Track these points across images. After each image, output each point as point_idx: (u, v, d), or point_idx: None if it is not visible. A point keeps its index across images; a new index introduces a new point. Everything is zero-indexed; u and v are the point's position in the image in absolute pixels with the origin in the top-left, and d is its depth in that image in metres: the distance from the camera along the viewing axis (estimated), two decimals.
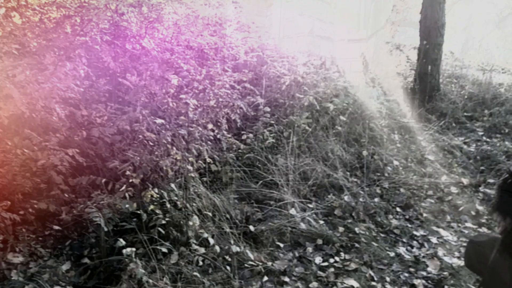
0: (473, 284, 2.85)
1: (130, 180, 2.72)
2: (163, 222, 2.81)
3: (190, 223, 2.87)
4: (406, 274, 3.05)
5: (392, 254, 3.26)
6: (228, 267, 2.74)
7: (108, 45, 3.97)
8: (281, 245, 3.14)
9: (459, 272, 2.99)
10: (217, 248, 2.79)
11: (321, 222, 3.50)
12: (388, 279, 2.95)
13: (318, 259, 3.07)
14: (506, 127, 5.96)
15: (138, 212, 2.79)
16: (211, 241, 2.78)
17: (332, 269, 2.97)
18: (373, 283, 2.87)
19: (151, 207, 2.82)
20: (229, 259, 2.80)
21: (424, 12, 6.67)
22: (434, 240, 3.53)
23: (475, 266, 2.03)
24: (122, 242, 2.43)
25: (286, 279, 2.80)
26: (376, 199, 3.98)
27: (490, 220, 3.79)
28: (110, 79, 3.98)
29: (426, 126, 5.73)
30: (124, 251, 2.38)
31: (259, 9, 7.22)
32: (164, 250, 2.66)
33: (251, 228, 3.19)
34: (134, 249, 2.42)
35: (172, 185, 2.95)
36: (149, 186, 2.90)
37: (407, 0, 8.80)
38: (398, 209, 3.96)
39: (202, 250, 2.83)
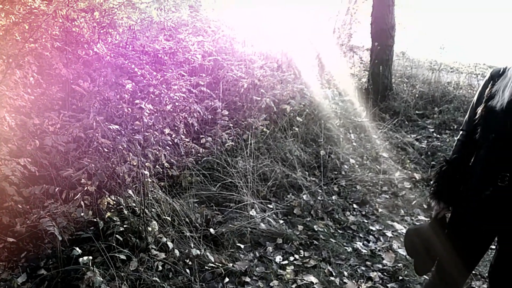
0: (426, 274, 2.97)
1: (86, 188, 2.67)
2: (121, 229, 2.78)
3: (149, 228, 2.85)
4: (363, 268, 3.16)
5: (349, 249, 3.37)
6: (188, 271, 2.75)
7: (59, 52, 3.88)
8: (242, 246, 3.18)
9: (412, 263, 3.12)
10: (177, 252, 2.79)
11: (281, 221, 3.57)
12: (346, 273, 3.05)
13: (278, 258, 3.13)
14: (454, 123, 6.27)
15: (95, 220, 2.75)
16: (170, 245, 2.78)
17: (292, 267, 3.03)
18: (332, 278, 2.95)
19: (108, 214, 2.79)
20: (190, 263, 2.81)
21: (374, 14, 6.92)
22: (389, 233, 3.67)
23: (414, 249, 2.20)
24: (78, 251, 2.39)
25: (247, 279, 2.84)
26: (333, 197, 4.09)
27: None
28: (63, 86, 3.89)
29: (380, 125, 5.93)
30: (80, 260, 2.34)
31: (216, 13, 7.24)
32: (123, 257, 2.64)
33: (212, 231, 3.21)
34: (91, 257, 2.38)
35: (130, 192, 2.92)
36: (105, 194, 2.87)
37: (359, 3, 9.07)
38: (355, 205, 4.09)
39: (162, 255, 2.82)
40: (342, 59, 8.07)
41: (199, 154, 4.04)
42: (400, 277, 3.04)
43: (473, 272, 3.08)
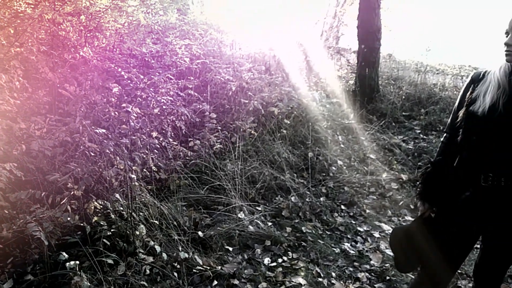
0: (412, 274, 3.01)
1: (72, 193, 2.66)
2: (109, 233, 2.77)
3: (137, 232, 2.85)
4: (351, 269, 3.18)
5: (337, 250, 3.39)
6: (176, 274, 2.75)
7: (46, 56, 3.86)
8: (230, 248, 3.19)
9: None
10: (165, 255, 2.79)
11: (269, 223, 3.58)
12: (334, 274, 3.07)
13: (266, 260, 3.14)
14: (440, 124, 6.35)
15: (82, 224, 2.74)
16: (158, 249, 2.77)
17: (280, 269, 3.04)
18: (320, 279, 2.97)
19: (95, 218, 2.78)
20: (178, 266, 2.81)
21: (360, 17, 7.00)
22: (376, 234, 3.71)
23: (399, 248, 2.24)
24: (65, 255, 2.38)
25: (236, 281, 2.85)
26: (321, 199, 4.12)
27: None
28: (49, 90, 3.87)
29: (367, 126, 5.99)
30: (67, 264, 2.33)
31: (204, 17, 7.26)
32: (110, 261, 2.63)
33: (200, 233, 3.21)
34: (78, 262, 2.37)
35: (117, 195, 2.92)
36: (92, 198, 2.86)
37: (346, 7, 9.16)
38: (342, 206, 4.12)
39: (150, 259, 2.82)
40: (330, 61, 8.14)
41: (187, 157, 4.04)
42: (387, 277, 3.07)
43: (459, 271, 3.13)
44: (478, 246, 2.07)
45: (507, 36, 1.73)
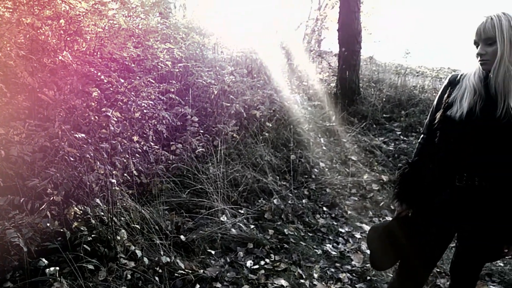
0: (392, 273, 3.06)
1: (52, 198, 2.64)
2: (89, 238, 2.75)
3: (118, 237, 2.83)
4: (333, 269, 3.22)
5: (319, 251, 3.43)
6: (158, 279, 2.75)
7: (25, 60, 3.81)
8: (213, 252, 3.19)
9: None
10: (146, 260, 2.78)
11: (252, 226, 3.60)
12: (315, 275, 3.10)
13: (249, 263, 3.16)
14: (420, 126, 6.46)
15: (62, 230, 2.72)
16: (139, 253, 2.77)
17: (262, 271, 3.06)
18: (302, 280, 3.00)
19: (75, 224, 2.75)
20: (160, 271, 2.80)
21: (341, 21, 7.08)
22: (358, 235, 3.76)
23: (375, 246, 2.28)
24: (44, 261, 2.36)
25: (218, 285, 2.86)
26: (304, 200, 4.16)
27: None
28: (29, 94, 3.82)
29: (349, 128, 6.06)
30: (47, 270, 2.31)
31: (186, 21, 7.25)
32: (91, 267, 2.61)
33: (182, 237, 3.21)
34: (57, 268, 2.35)
35: (98, 201, 2.90)
36: (72, 203, 2.83)
37: (327, 10, 9.26)
38: (324, 208, 4.16)
39: (132, 264, 2.80)
40: (312, 64, 8.21)
41: (169, 161, 4.03)
42: (368, 277, 3.12)
43: (438, 270, 3.19)
44: (454, 244, 2.12)
45: (477, 47, 1.77)
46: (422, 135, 2.16)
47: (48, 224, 2.50)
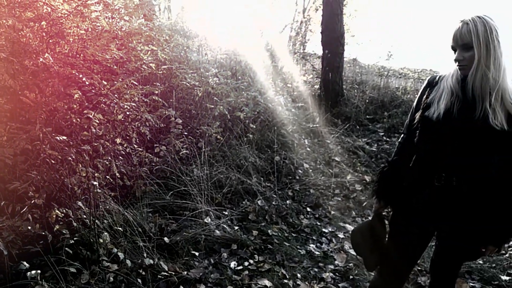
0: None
1: (33, 201, 2.61)
2: (71, 241, 2.73)
3: (101, 240, 2.82)
4: (316, 269, 3.25)
5: (303, 251, 3.45)
6: (141, 281, 2.74)
7: (6, 63, 3.76)
8: (196, 253, 3.19)
9: (361, 262, 3.24)
10: (129, 262, 2.77)
11: (236, 227, 3.61)
12: (299, 275, 3.13)
13: (233, 264, 3.17)
14: (403, 127, 6.49)
15: (43, 233, 2.69)
16: (121, 256, 2.76)
17: (246, 272, 3.08)
18: (286, 280, 3.02)
19: (57, 227, 2.73)
20: (143, 273, 2.80)
21: (324, 23, 7.15)
22: (341, 235, 3.80)
23: (359, 247, 2.32)
24: (26, 265, 2.33)
25: (202, 286, 2.86)
26: (288, 201, 4.18)
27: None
28: (10, 97, 3.77)
29: (333, 130, 6.12)
30: (28, 274, 2.29)
31: (170, 22, 7.24)
32: (73, 270, 2.59)
33: (166, 239, 3.20)
34: (39, 271, 2.33)
35: (79, 203, 2.88)
36: (54, 206, 2.81)
37: (311, 13, 9.33)
38: (308, 209, 4.20)
39: (115, 266, 2.79)
40: (296, 66, 8.26)
41: (153, 163, 4.02)
42: (351, 277, 3.15)
43: (419, 268, 3.25)
44: (434, 243, 2.16)
45: (454, 52, 1.81)
46: (402, 135, 2.20)
47: (29, 227, 2.48)
